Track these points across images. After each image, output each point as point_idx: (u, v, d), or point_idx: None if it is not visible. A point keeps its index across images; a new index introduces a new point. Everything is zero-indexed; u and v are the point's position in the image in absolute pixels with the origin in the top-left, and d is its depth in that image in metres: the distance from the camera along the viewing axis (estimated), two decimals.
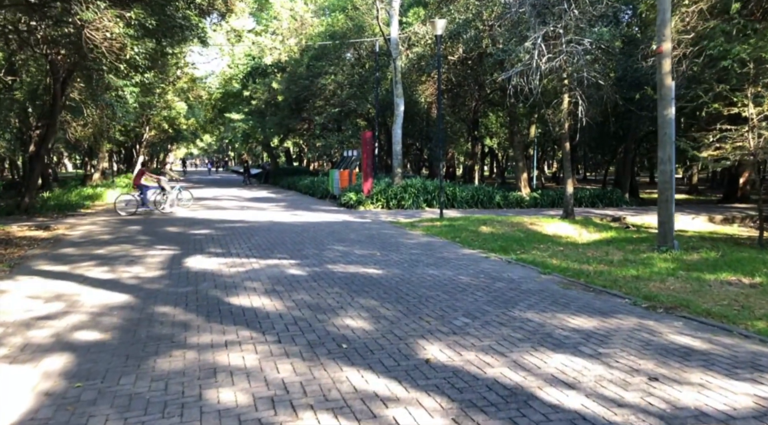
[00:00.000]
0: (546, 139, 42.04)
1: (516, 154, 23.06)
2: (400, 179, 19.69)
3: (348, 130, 28.32)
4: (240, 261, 9.05)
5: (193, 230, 13.29)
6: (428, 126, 30.12)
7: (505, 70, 20.51)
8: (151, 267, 8.63)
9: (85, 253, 10.07)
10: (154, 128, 43.41)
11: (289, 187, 31.43)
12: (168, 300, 6.58)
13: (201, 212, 18.02)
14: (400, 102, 19.10)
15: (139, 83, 18.97)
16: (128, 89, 17.87)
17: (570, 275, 7.93)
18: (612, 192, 21.75)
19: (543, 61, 14.41)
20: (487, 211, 18.81)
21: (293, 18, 31.57)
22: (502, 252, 9.97)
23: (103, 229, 13.70)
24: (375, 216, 16.70)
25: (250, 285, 7.29)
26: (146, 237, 12.20)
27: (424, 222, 14.60)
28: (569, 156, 16.05)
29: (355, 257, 9.43)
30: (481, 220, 14.18)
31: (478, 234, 12.07)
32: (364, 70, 28.07)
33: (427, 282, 7.46)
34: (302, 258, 9.36)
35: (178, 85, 38.50)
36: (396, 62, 18.83)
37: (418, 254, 9.78)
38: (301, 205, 20.87)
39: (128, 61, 10.40)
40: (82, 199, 22.75)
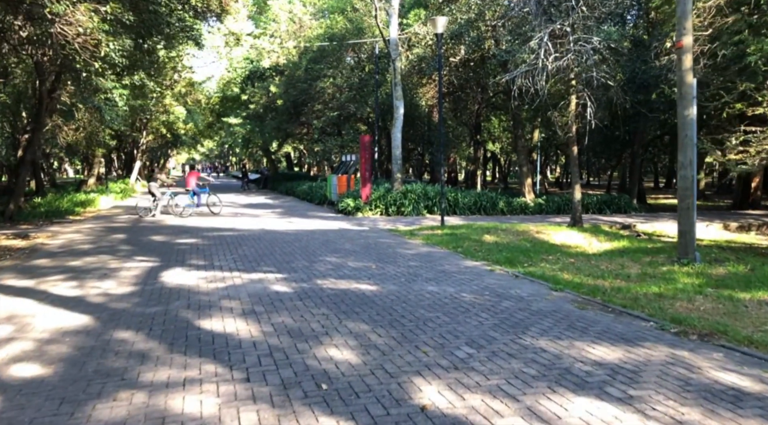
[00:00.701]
0: (549, 144, 41.30)
1: (520, 158, 22.29)
2: (400, 185, 18.93)
3: (348, 134, 27.59)
4: (221, 275, 8.27)
5: (179, 239, 12.53)
6: (429, 130, 29.38)
7: (508, 71, 19.78)
8: (124, 282, 7.86)
9: (57, 265, 9.32)
10: (151, 133, 42.76)
11: (287, 192, 30.70)
12: (131, 323, 5.80)
13: (191, 219, 17.26)
14: (399, 104, 18.36)
15: (129, 85, 18.26)
16: (117, 91, 17.14)
17: (585, 292, 7.14)
18: (620, 198, 20.95)
19: (550, 61, 13.64)
20: (490, 217, 18.01)
21: (291, 20, 30.92)
22: (508, 264, 9.18)
23: (86, 238, 12.95)
24: (373, 223, 15.93)
25: (226, 305, 6.51)
26: (128, 247, 11.44)
27: (424, 230, 13.82)
28: (577, 160, 15.26)
29: (348, 270, 8.65)
30: (484, 228, 13.39)
31: (481, 244, 11.28)
32: (363, 73, 27.36)
33: (425, 301, 6.67)
34: (290, 271, 8.58)
35: (176, 89, 37.89)
36: (395, 63, 18.09)
37: (416, 267, 9.00)
38: (297, 211, 20.11)
39: (103, 58, 9.66)
40: (73, 206, 22.02)
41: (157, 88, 32.24)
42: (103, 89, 17.27)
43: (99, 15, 9.04)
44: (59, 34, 8.95)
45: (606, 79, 14.07)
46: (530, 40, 17.75)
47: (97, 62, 9.75)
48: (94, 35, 8.92)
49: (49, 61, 17.11)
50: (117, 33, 9.81)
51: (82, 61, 9.63)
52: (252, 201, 26.09)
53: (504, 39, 19.90)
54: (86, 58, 9.43)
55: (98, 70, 10.16)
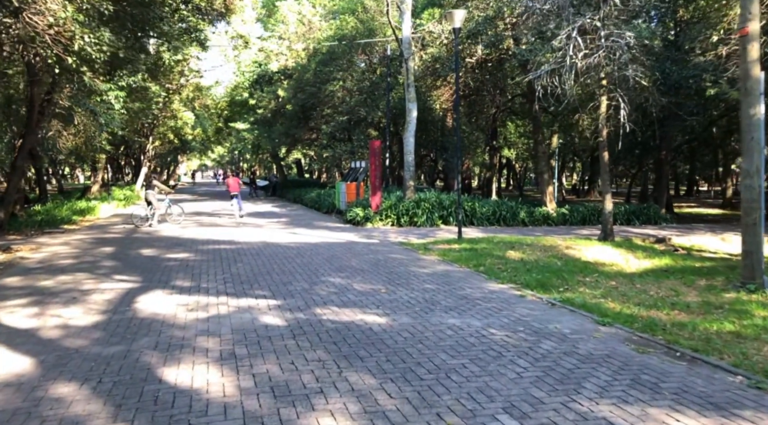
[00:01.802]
0: (567, 150, 39.91)
1: (540, 165, 20.99)
2: (413, 193, 17.70)
3: (358, 139, 26.43)
4: (205, 302, 7.08)
5: (170, 253, 11.38)
6: (443, 135, 28.14)
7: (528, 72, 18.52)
8: (91, 309, 6.69)
9: (26, 286, 8.19)
10: (158, 138, 41.89)
11: (295, 200, 29.58)
12: (79, 371, 4.62)
13: (190, 230, 16.15)
14: (412, 107, 17.15)
15: (126, 87, 17.25)
16: (113, 93, 16.11)
17: (640, 328, 5.86)
18: (649, 208, 19.56)
19: (579, 58, 12.39)
20: (510, 229, 16.72)
21: (300, 22, 29.91)
22: (541, 288, 7.91)
23: (71, 251, 11.86)
24: (383, 235, 14.71)
25: (202, 345, 5.31)
26: (112, 262, 10.31)
27: (439, 244, 12.57)
28: (608, 167, 13.96)
29: (353, 295, 7.42)
30: (507, 243, 12.11)
31: (505, 262, 10.01)
32: (374, 76, 26.22)
33: (447, 341, 5.43)
34: (286, 296, 7.37)
35: (183, 93, 37.00)
36: (408, 63, 16.91)
37: (433, 291, 7.75)
38: (303, 221, 18.94)
39: (78, 53, 8.56)
40: (71, 214, 21.06)
41: (162, 92, 31.41)
42: (98, 91, 16.27)
43: (73, 4, 7.96)
44: (27, 25, 7.88)
45: (641, 77, 12.79)
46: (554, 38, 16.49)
47: (71, 57, 8.67)
48: (67, 26, 7.84)
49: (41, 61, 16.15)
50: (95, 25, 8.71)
51: (54, 55, 8.55)
52: (258, 209, 24.98)
53: (524, 38, 18.69)
54: (59, 52, 8.34)
55: (72, 65, 9.05)
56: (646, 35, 14.64)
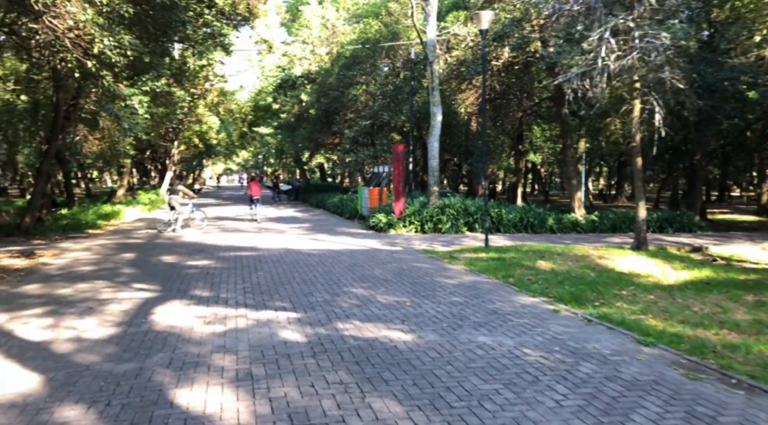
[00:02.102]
0: (594, 155, 39.06)
1: (569, 170, 20.43)
2: (437, 198, 17.32)
3: (381, 144, 26.16)
4: (224, 313, 6.82)
5: (190, 260, 11.20)
6: (467, 139, 27.72)
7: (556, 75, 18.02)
8: (106, 321, 6.48)
9: (44, 294, 8.05)
10: (183, 143, 42.20)
11: (317, 204, 29.39)
12: (87, 391, 4.37)
13: (212, 235, 16.00)
14: (437, 111, 16.79)
15: (149, 92, 17.23)
16: (137, 98, 16.09)
17: (687, 350, 5.41)
18: (682, 215, 18.85)
19: (611, 59, 11.90)
20: (538, 236, 16.22)
21: (324, 26, 29.79)
22: (575, 302, 7.48)
23: (93, 257, 11.76)
24: (407, 242, 14.36)
25: (218, 362, 5.02)
26: (131, 270, 10.15)
27: (465, 252, 12.17)
28: (641, 173, 13.39)
29: (376, 308, 7.09)
30: (536, 251, 11.66)
31: (536, 272, 9.58)
32: (398, 80, 25.92)
33: (477, 362, 5.06)
34: (306, 308, 7.07)
35: (208, 98, 37.20)
36: (433, 66, 16.55)
37: (461, 304, 7.38)
38: (326, 227, 18.69)
39: (98, 56, 8.42)
40: (96, 218, 21.16)
41: (186, 97, 31.56)
42: (121, 96, 16.26)
43: (94, 7, 7.83)
44: (48, 28, 7.76)
45: (678, 80, 12.24)
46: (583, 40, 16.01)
47: (90, 61, 8.53)
48: (87, 29, 7.69)
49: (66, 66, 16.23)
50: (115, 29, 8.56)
51: (74, 59, 8.43)
52: (280, 214, 24.84)
53: (552, 40, 18.19)
54: (79, 55, 8.21)
55: (92, 69, 8.92)
56: (681, 36, 14.09)
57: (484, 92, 13.00)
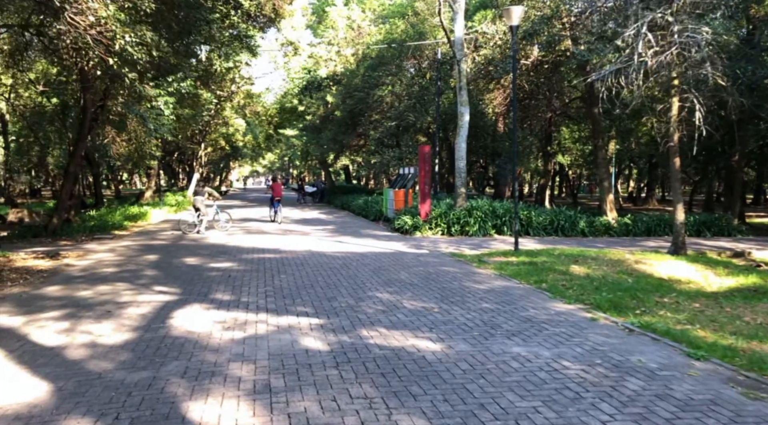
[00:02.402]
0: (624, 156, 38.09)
1: (600, 172, 19.80)
2: (464, 200, 16.90)
3: (407, 145, 25.81)
4: (244, 318, 6.55)
5: (213, 262, 11.01)
6: (494, 140, 27.19)
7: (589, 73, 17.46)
8: (124, 326, 6.27)
9: (64, 297, 7.91)
10: (210, 145, 42.50)
11: (342, 206, 29.17)
12: (97, 402, 4.12)
13: (236, 237, 15.85)
14: (464, 111, 16.38)
15: (175, 92, 17.20)
16: (162, 99, 16.05)
17: (744, 365, 4.95)
18: (721, 218, 18.08)
19: (649, 55, 11.37)
20: (569, 240, 15.68)
21: (350, 27, 29.60)
22: (614, 310, 7.03)
23: (116, 259, 11.67)
24: (433, 245, 13.98)
25: (235, 373, 4.74)
26: (153, 272, 9.99)
27: (495, 256, 11.74)
28: (679, 174, 12.79)
29: (402, 315, 6.74)
30: (568, 256, 11.18)
31: (570, 278, 9.13)
32: (424, 81, 25.57)
33: (512, 376, 4.68)
34: (330, 314, 6.76)
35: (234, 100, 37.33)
36: (461, 65, 16.15)
37: (492, 311, 6.99)
38: (350, 229, 18.41)
39: (120, 54, 8.27)
40: (123, 219, 21.28)
41: (213, 99, 31.68)
42: (147, 97, 16.24)
43: (115, 2, 7.67)
44: (70, 25, 7.63)
45: (719, 77, 11.65)
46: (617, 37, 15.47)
47: (112, 58, 8.39)
48: (108, 25, 7.55)
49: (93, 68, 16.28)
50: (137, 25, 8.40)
51: (96, 56, 8.30)
52: (305, 216, 24.67)
53: (584, 38, 17.64)
54: (100, 52, 8.07)
55: (114, 67, 8.78)
56: (722, 31, 13.46)
57: (515, 91, 12.56)
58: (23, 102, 24.78)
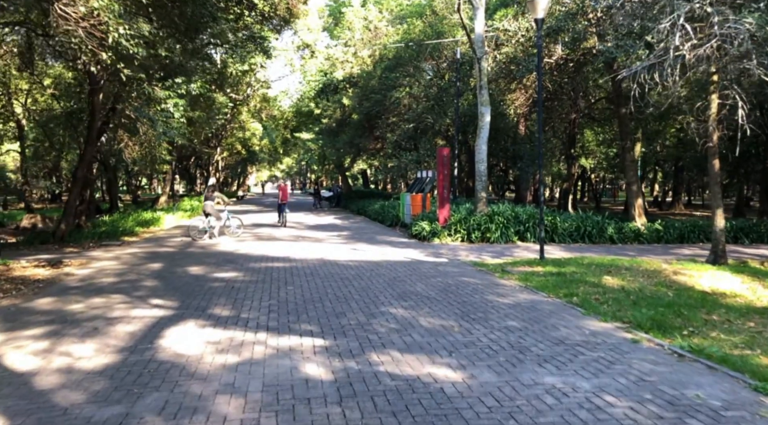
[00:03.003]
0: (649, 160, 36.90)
1: (628, 175, 18.86)
2: (485, 205, 16.10)
3: (425, 148, 25.09)
4: (241, 339, 5.88)
5: (218, 272, 10.38)
6: (515, 143, 26.32)
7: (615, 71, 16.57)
8: (109, 346, 5.64)
9: (53, 310, 7.33)
10: (226, 149, 42.21)
11: (359, 211, 28.50)
12: None
13: (247, 244, 15.26)
14: (485, 111, 15.61)
15: (185, 95, 16.70)
16: (172, 101, 15.55)
17: None
18: (760, 224, 17.02)
19: (687, 48, 10.51)
20: (597, 247, 14.81)
21: (366, 28, 29.00)
22: (657, 329, 6.22)
23: (119, 267, 11.12)
24: (453, 252, 13.22)
25: (221, 409, 4.05)
26: (153, 282, 9.40)
27: (519, 265, 10.94)
28: (718, 177, 11.88)
29: (418, 335, 6.02)
30: (600, 265, 10.35)
31: (603, 291, 8.31)
32: (442, 82, 24.82)
33: (547, 416, 3.93)
34: (337, 333, 6.06)
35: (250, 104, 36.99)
36: (481, 63, 15.40)
37: (519, 330, 6.23)
38: (366, 235, 17.71)
39: (114, 48, 7.69)
40: (135, 225, 20.89)
41: (228, 103, 31.32)
42: (156, 99, 15.77)
43: None
44: (60, 17, 7.09)
45: (763, 73, 10.74)
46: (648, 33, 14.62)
47: (106, 52, 7.82)
48: (101, 17, 6.98)
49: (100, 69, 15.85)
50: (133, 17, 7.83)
51: (89, 51, 7.74)
52: (320, 221, 24.04)
53: (611, 34, 16.75)
54: (93, 46, 7.51)
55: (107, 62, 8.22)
56: (764, 23, 12.54)
57: (540, 87, 11.76)
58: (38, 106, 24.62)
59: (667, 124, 28.20)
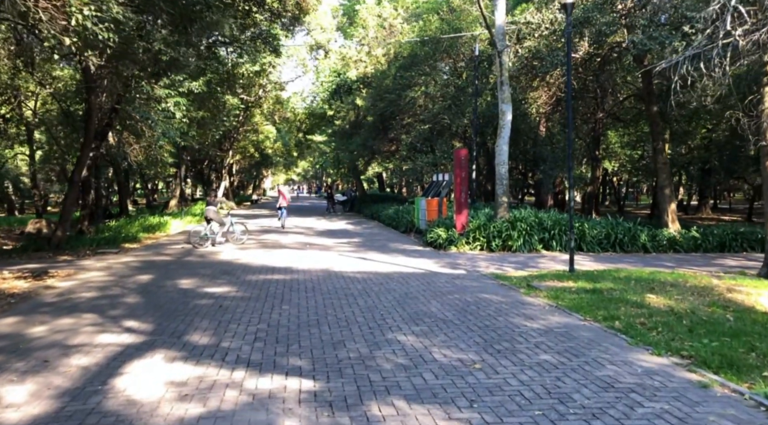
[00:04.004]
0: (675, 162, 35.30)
1: (661, 178, 17.51)
2: (506, 211, 14.90)
3: (441, 150, 23.91)
4: (212, 379, 4.79)
5: (209, 286, 9.34)
6: (536, 145, 25.02)
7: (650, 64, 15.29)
8: (50, 387, 4.60)
9: (10, 334, 6.34)
10: (239, 152, 41.38)
11: (372, 216, 27.37)
12: None
13: (249, 252, 14.24)
14: (506, 109, 14.42)
15: (188, 94, 15.76)
16: (172, 100, 14.62)
17: None
18: None
19: (738, 34, 9.26)
20: (629, 256, 13.53)
21: (381, 26, 27.93)
22: (728, 368, 5.01)
23: (105, 280, 10.15)
24: (472, 263, 12.05)
25: None
26: (135, 299, 8.38)
27: (547, 278, 9.73)
28: None
29: (431, 375, 4.88)
30: (639, 280, 9.11)
31: (648, 312, 7.09)
32: (460, 81, 23.63)
33: None
34: (331, 372, 4.95)
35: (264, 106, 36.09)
36: (502, 56, 14.22)
37: (554, 367, 5.06)
38: (377, 242, 16.59)
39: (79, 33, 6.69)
40: (142, 230, 20.06)
41: (240, 105, 30.44)
42: (156, 98, 14.85)
43: None
44: None
45: None
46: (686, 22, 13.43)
47: (70, 37, 6.83)
48: None
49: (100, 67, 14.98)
50: None
51: (52, 37, 6.78)
52: (331, 226, 22.97)
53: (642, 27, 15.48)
54: (56, 32, 6.55)
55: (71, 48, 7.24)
56: None
57: (569, 78, 10.56)
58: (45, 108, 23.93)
59: (697, 124, 26.72)
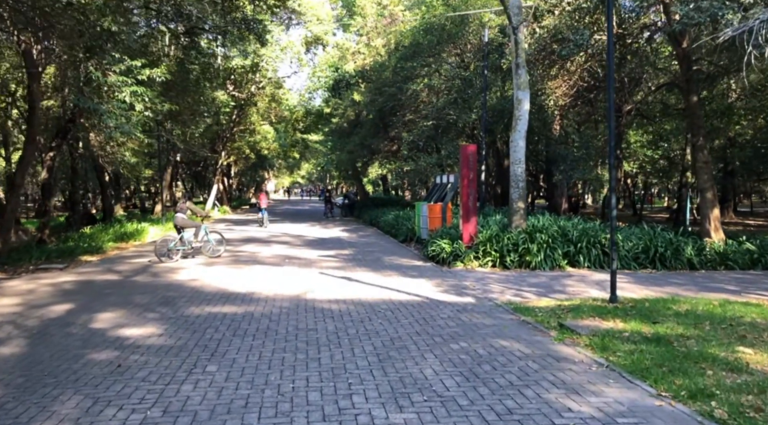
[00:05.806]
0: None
1: (702, 179, 15.01)
2: (522, 219, 12.48)
3: (446, 149, 21.54)
4: None
5: (129, 326, 6.98)
6: (549, 144, 22.59)
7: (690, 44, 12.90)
8: None
9: None
10: (233, 154, 39.11)
11: (371, 222, 24.95)
12: None
13: (215, 269, 11.91)
14: (523, 97, 12.00)
15: (148, 81, 13.45)
16: (128, 89, 12.33)
17: None
18: None
19: None
20: (675, 275, 11.07)
21: (381, 15, 25.60)
22: None
23: (7, 311, 7.85)
24: (482, 285, 9.64)
25: None
26: (9, 350, 6.05)
27: (584, 314, 7.26)
28: None
29: None
30: (712, 317, 6.66)
31: (753, 381, 4.65)
32: (468, 72, 21.24)
33: None
34: None
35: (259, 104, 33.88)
36: (518, 35, 11.79)
37: None
38: (371, 255, 14.17)
39: None
40: (115, 238, 17.91)
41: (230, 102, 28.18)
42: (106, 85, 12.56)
43: None
44: None
45: None
46: None
47: None
48: None
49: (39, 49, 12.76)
50: None
51: None
52: (323, 234, 20.58)
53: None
54: None
55: None
56: None
57: (610, 50, 8.10)
58: None
59: (729, 120, 24.18)
